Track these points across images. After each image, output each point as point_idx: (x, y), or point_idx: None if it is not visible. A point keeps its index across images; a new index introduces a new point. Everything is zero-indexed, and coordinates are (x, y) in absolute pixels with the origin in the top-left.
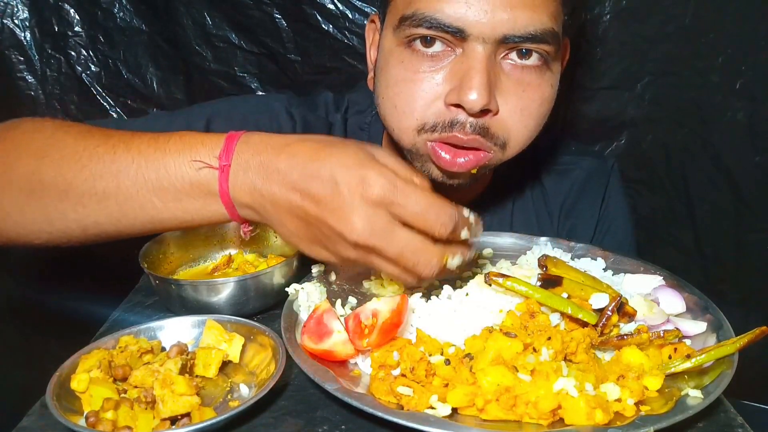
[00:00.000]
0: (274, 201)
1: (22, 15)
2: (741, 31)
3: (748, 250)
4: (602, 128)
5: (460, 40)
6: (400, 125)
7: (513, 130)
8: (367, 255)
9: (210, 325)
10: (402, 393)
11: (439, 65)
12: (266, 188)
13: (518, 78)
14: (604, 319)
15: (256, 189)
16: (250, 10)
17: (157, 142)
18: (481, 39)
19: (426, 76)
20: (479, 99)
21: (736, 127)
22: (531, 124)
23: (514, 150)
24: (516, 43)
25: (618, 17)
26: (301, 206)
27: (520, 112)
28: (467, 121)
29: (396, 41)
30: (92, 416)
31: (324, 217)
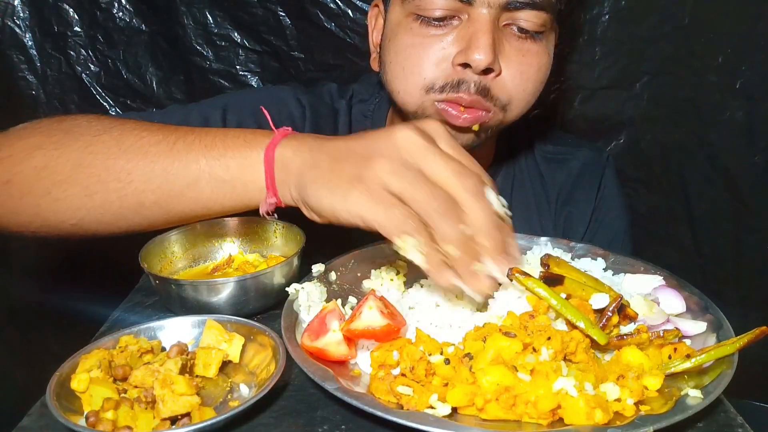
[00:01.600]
0: (317, 147)
1: (23, 15)
2: (740, 31)
3: (746, 250)
4: (601, 128)
5: (466, 5)
6: (407, 86)
7: (513, 93)
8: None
9: (210, 325)
10: (402, 392)
11: (446, 31)
12: (313, 143)
13: (518, 44)
14: (604, 320)
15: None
16: (253, 8)
17: (215, 140)
18: (486, 3)
19: (434, 40)
20: (485, 58)
21: (735, 127)
22: (530, 88)
23: (513, 113)
24: (518, 9)
25: (616, 17)
26: (344, 145)
27: (520, 76)
28: (472, 80)
29: (404, 13)
30: (92, 416)
31: (367, 146)
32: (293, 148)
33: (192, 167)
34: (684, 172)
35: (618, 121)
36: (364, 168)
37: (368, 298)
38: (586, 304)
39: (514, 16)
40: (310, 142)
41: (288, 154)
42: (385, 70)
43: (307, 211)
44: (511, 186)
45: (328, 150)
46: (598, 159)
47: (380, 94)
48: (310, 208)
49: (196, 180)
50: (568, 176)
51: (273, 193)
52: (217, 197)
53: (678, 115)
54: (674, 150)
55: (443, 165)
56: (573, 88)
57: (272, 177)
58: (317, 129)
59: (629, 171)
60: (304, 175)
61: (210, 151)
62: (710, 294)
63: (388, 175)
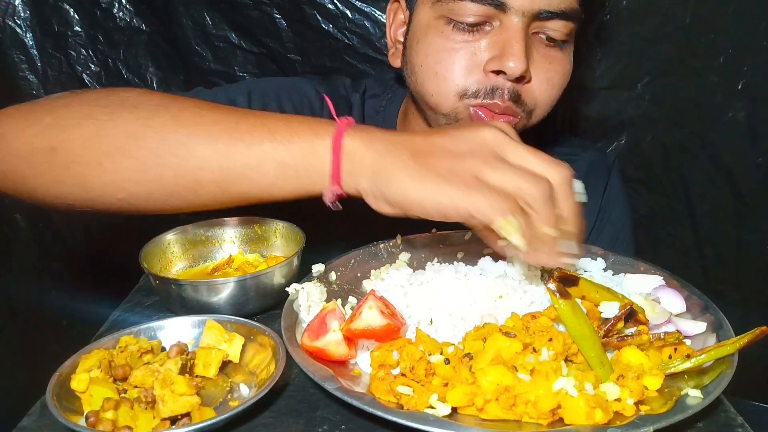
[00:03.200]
0: (393, 141)
1: (23, 14)
2: (741, 31)
3: (748, 251)
4: (602, 128)
5: (500, 11)
6: (440, 90)
7: (539, 99)
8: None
9: (210, 325)
10: (402, 392)
11: (478, 36)
12: (384, 136)
13: (545, 51)
14: (609, 325)
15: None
16: (249, 10)
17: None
18: (520, 12)
19: (467, 45)
20: (519, 65)
21: (737, 128)
22: (554, 94)
23: (537, 117)
24: (548, 18)
25: (617, 17)
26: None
27: (546, 82)
28: (506, 87)
29: (435, 15)
30: (92, 416)
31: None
32: (363, 140)
33: (256, 149)
34: (685, 172)
35: (619, 121)
36: (456, 161)
37: (368, 298)
38: (595, 310)
39: (543, 25)
40: (379, 135)
41: (358, 145)
42: (413, 71)
43: (377, 203)
44: None
45: (408, 143)
46: (605, 161)
47: (392, 91)
48: (388, 199)
49: (259, 163)
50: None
51: (337, 183)
52: (279, 182)
53: (679, 115)
54: (676, 150)
55: (534, 158)
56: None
57: (338, 166)
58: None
59: (630, 171)
60: (386, 168)
61: (275, 135)
62: (712, 295)
63: (484, 168)
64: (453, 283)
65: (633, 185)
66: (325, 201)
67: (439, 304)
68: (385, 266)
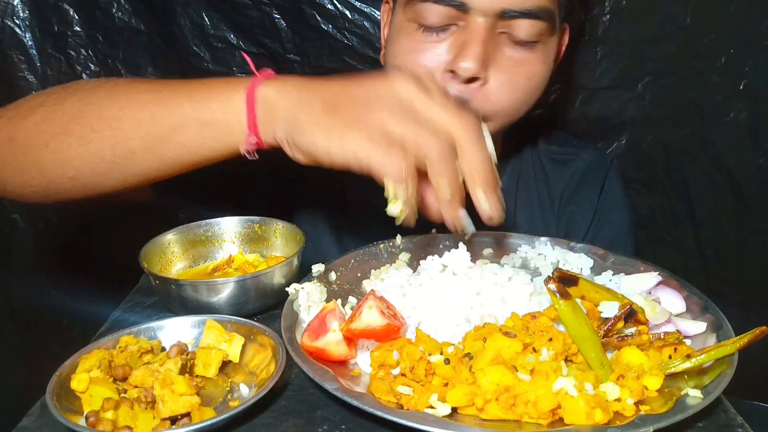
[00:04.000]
0: (307, 88)
1: (23, 15)
2: (742, 31)
3: (749, 252)
4: (602, 128)
5: (462, 13)
6: None
7: (498, 104)
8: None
9: (210, 325)
10: (402, 392)
11: (442, 38)
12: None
13: (512, 52)
14: (608, 324)
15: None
16: (248, 10)
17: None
18: (481, 12)
19: (430, 46)
20: (472, 67)
21: (738, 128)
22: (518, 97)
23: (498, 122)
24: (513, 18)
25: (617, 17)
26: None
27: (509, 85)
28: (455, 89)
29: (405, 17)
30: (92, 416)
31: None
32: (277, 88)
33: (177, 111)
34: (686, 173)
35: (619, 121)
36: (363, 111)
37: (368, 298)
38: (595, 310)
39: (510, 25)
40: (294, 82)
41: (271, 94)
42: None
43: (292, 151)
44: (517, 183)
45: (321, 92)
46: (602, 161)
47: None
48: (300, 148)
49: (181, 124)
50: (572, 176)
51: (254, 133)
52: (203, 140)
53: (680, 116)
54: (676, 151)
55: (443, 110)
56: (574, 88)
57: (254, 117)
58: None
59: (631, 172)
60: (296, 116)
61: (194, 95)
62: (712, 295)
63: (389, 119)
64: (453, 283)
65: (633, 186)
66: (243, 152)
67: (439, 304)
68: (385, 266)
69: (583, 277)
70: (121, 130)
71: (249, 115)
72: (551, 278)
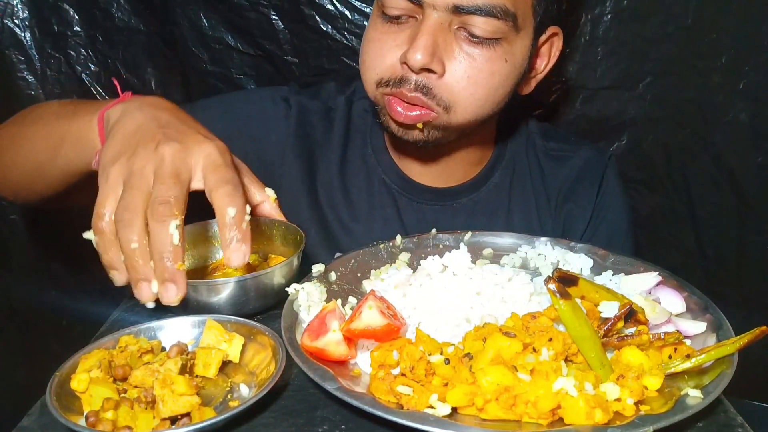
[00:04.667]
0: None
1: (22, 15)
2: (743, 31)
3: (749, 252)
4: (602, 128)
5: (417, 7)
6: (366, 78)
7: (459, 96)
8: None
9: (210, 325)
10: (402, 392)
11: (401, 29)
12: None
13: (468, 48)
14: (608, 324)
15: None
16: (246, 11)
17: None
18: (432, 6)
19: (389, 37)
20: (421, 58)
21: (739, 128)
22: (479, 92)
23: (461, 115)
24: (467, 13)
25: (618, 17)
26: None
27: (467, 80)
28: (413, 78)
29: (376, 9)
30: (92, 416)
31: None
32: (117, 110)
33: (63, 128)
34: (687, 173)
35: (620, 121)
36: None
37: (368, 298)
38: (595, 310)
39: (465, 21)
40: (133, 108)
41: (111, 115)
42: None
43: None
44: (510, 181)
45: (130, 122)
46: (600, 158)
47: None
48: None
49: (62, 139)
50: (569, 173)
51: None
52: (76, 154)
53: (681, 115)
54: (677, 151)
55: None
56: (574, 88)
57: (102, 133)
58: (305, 126)
59: (631, 172)
60: (110, 134)
61: (77, 113)
62: (713, 296)
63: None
64: (453, 283)
65: (634, 186)
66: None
67: (439, 304)
68: (385, 266)
69: (583, 277)
70: (33, 145)
71: (100, 132)
72: (551, 278)
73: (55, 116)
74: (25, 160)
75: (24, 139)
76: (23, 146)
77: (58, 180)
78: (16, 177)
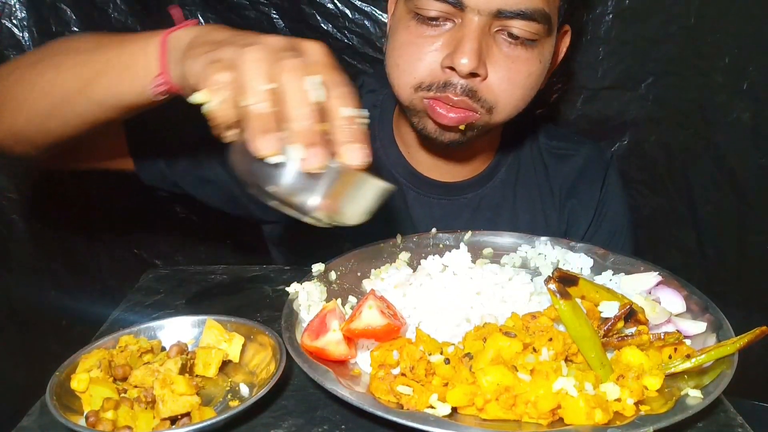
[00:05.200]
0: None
1: (20, 15)
2: (746, 31)
3: (750, 252)
4: (604, 128)
5: (459, 10)
6: (400, 82)
7: (500, 97)
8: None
9: (210, 324)
10: (402, 392)
11: (439, 32)
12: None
13: (508, 50)
14: (608, 324)
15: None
16: (246, 10)
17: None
18: (476, 10)
19: (427, 41)
20: (469, 63)
21: (741, 129)
22: (517, 93)
23: (501, 115)
24: (509, 18)
25: (620, 17)
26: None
27: (507, 81)
28: (458, 83)
29: (405, 10)
30: (92, 416)
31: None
32: (186, 31)
33: (104, 57)
34: (689, 173)
35: (621, 121)
36: (234, 48)
37: (368, 297)
38: (595, 310)
39: (506, 24)
40: (204, 27)
41: (181, 36)
42: (385, 62)
43: (183, 89)
44: (516, 177)
45: (215, 35)
46: (602, 156)
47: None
48: (184, 75)
49: (105, 67)
50: (571, 170)
51: (163, 74)
52: (121, 82)
53: (683, 116)
54: (679, 151)
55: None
56: (576, 88)
57: (165, 57)
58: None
59: (633, 172)
60: (185, 55)
61: (123, 42)
62: (713, 296)
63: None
64: (453, 282)
65: (635, 186)
66: (152, 93)
67: (439, 304)
68: (385, 266)
69: (583, 277)
70: (60, 73)
71: (161, 57)
72: (551, 278)
73: (94, 44)
74: (44, 94)
75: (49, 68)
76: (45, 78)
77: (84, 117)
78: (25, 117)
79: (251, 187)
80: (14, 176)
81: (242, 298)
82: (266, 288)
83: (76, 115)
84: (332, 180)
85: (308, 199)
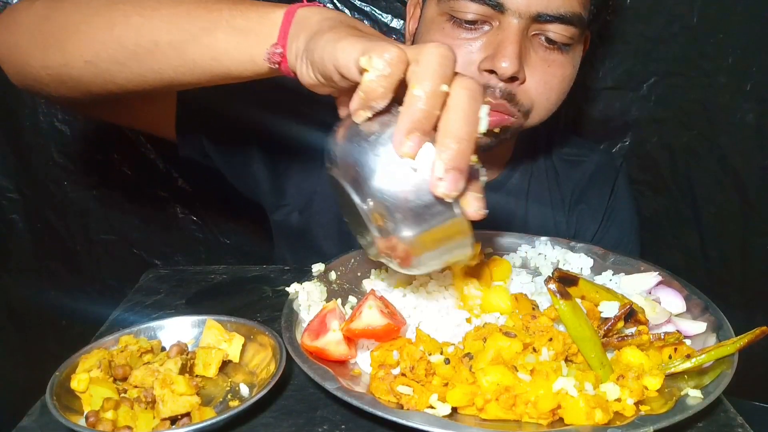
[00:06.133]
0: (343, 17)
1: None
2: (750, 31)
3: (753, 253)
4: (606, 129)
5: (498, 13)
6: None
7: (536, 101)
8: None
9: (210, 324)
10: (402, 392)
11: (476, 35)
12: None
13: (545, 54)
14: (608, 324)
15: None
16: None
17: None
18: (517, 13)
19: (464, 43)
20: (510, 66)
21: (745, 129)
22: (552, 97)
23: (535, 119)
24: (547, 21)
25: (622, 17)
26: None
27: (544, 85)
28: (497, 86)
29: (438, 11)
30: (92, 416)
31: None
32: (318, 11)
33: (214, 14)
34: (691, 174)
35: (623, 122)
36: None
37: (368, 297)
38: (595, 310)
39: (543, 28)
40: (337, 12)
41: (309, 14)
42: None
43: (300, 63)
44: (529, 181)
45: (352, 21)
46: (612, 163)
47: None
48: (310, 58)
49: (214, 26)
50: (582, 176)
51: (282, 44)
52: (228, 46)
53: (686, 116)
54: (681, 152)
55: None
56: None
57: (287, 30)
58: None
59: (635, 173)
60: (319, 30)
61: (236, 3)
62: (715, 297)
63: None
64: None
65: (638, 187)
66: (265, 60)
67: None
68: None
69: (583, 277)
70: (152, 20)
71: (282, 28)
72: (551, 278)
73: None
74: (125, 39)
75: (139, 11)
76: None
77: (164, 74)
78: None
79: (343, 176)
80: (14, 176)
81: (242, 298)
82: (266, 288)
83: (154, 71)
84: (443, 220)
85: (405, 225)
